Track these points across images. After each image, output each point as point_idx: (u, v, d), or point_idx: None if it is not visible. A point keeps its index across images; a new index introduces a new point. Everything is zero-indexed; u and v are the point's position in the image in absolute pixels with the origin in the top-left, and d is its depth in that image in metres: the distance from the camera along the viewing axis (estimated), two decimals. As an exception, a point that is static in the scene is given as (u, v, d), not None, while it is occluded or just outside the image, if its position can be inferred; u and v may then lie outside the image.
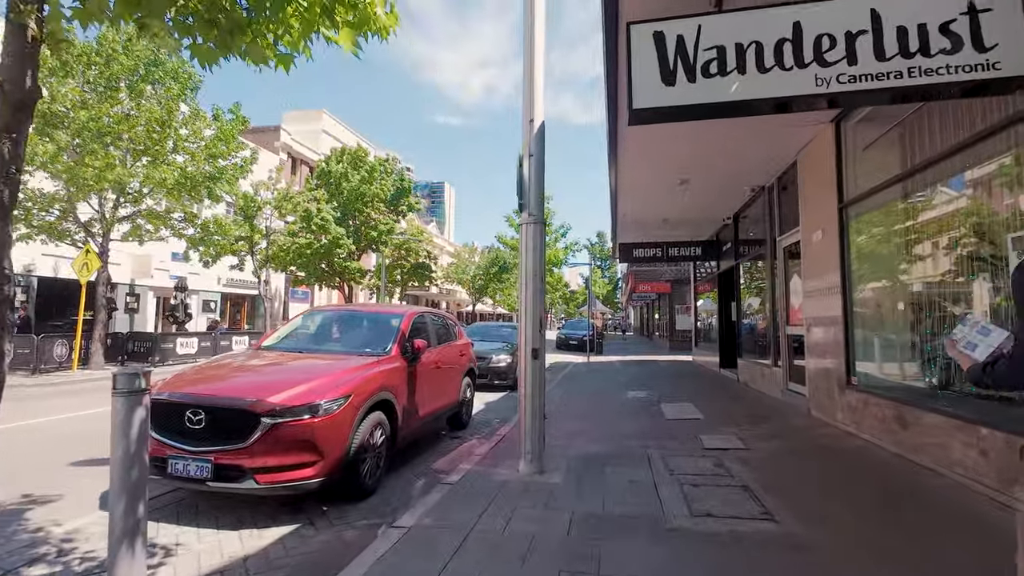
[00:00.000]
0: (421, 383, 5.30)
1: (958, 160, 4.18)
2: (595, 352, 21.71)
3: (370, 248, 24.44)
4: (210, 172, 13.16)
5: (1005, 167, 3.76)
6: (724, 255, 12.34)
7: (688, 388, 10.26)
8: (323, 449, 3.65)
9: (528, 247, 4.58)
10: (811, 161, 6.73)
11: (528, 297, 4.54)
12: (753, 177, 8.45)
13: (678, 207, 10.61)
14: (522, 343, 4.56)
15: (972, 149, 3.97)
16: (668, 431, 6.15)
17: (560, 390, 10.03)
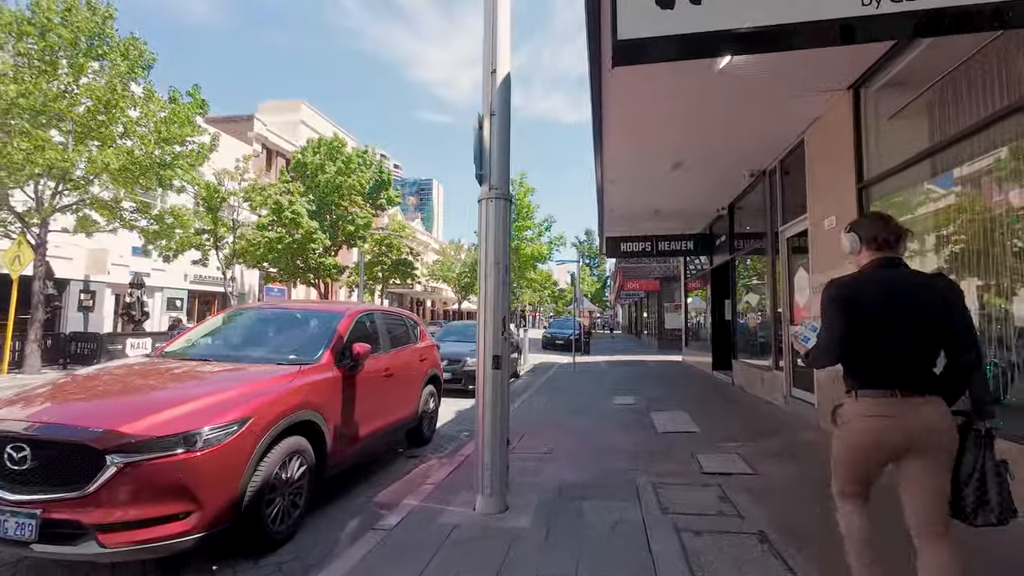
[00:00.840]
0: (364, 396, 4.37)
1: (1011, 125, 3.36)
2: (582, 352, 20.89)
3: (347, 243, 23.35)
4: (161, 158, 12.01)
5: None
6: (718, 249, 11.54)
7: (680, 393, 9.44)
8: (203, 494, 2.71)
9: (489, 228, 3.66)
10: (822, 137, 5.90)
11: (488, 291, 3.63)
12: (753, 159, 7.62)
13: (670, 196, 9.78)
14: (481, 349, 3.65)
15: None
16: (660, 448, 5.28)
17: (541, 396, 9.15)
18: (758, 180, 8.15)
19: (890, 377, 1.92)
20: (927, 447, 1.86)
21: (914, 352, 1.92)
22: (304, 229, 19.57)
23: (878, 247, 2.07)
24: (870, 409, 1.93)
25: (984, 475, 1.85)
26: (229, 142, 24.08)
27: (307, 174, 22.34)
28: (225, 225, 17.04)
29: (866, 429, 1.94)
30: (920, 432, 1.86)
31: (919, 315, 1.92)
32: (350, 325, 4.47)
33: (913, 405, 1.87)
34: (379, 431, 4.68)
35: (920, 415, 1.86)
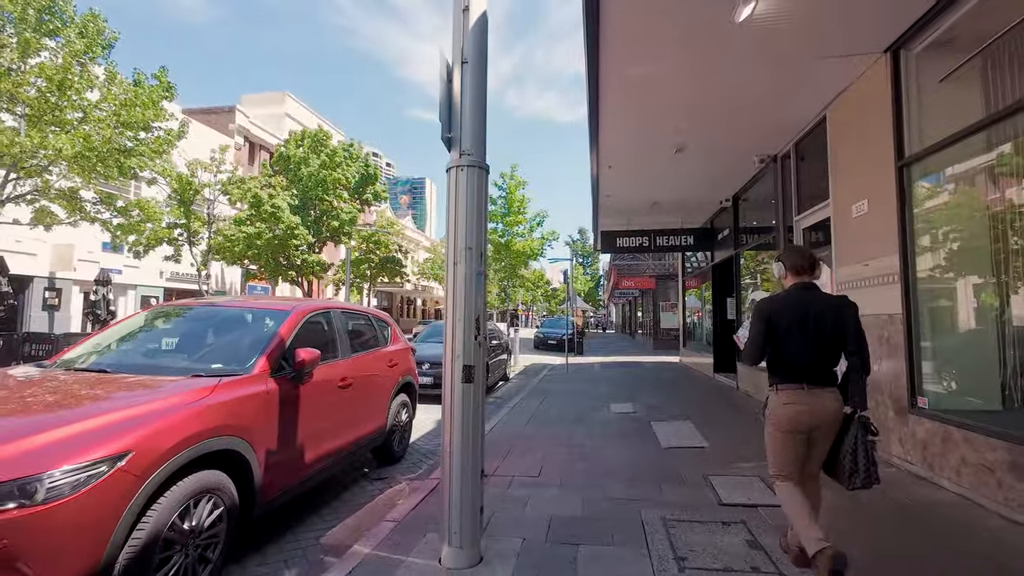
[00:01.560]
0: (313, 412, 3.60)
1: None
2: (575, 352, 20.17)
3: (332, 240, 22.46)
4: (120, 144, 11.10)
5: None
6: (720, 244, 10.84)
7: (681, 399, 8.72)
8: (44, 568, 1.93)
9: (459, 203, 2.90)
10: (850, 112, 5.18)
11: (458, 283, 2.87)
12: (764, 143, 6.90)
13: (670, 186, 9.06)
14: (448, 358, 2.88)
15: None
16: (666, 469, 4.55)
17: (531, 402, 8.39)
18: (768, 167, 7.44)
19: (800, 374, 2.50)
20: (825, 425, 2.47)
21: (818, 356, 2.50)
22: (285, 224, 18.67)
23: (797, 273, 2.64)
24: (786, 398, 2.53)
25: (856, 451, 2.38)
26: (209, 134, 23.12)
27: (290, 168, 21.44)
28: (199, 219, 16.10)
29: (786, 414, 2.51)
30: (822, 415, 2.46)
31: (823, 328, 2.48)
32: (295, 326, 3.68)
33: (817, 395, 2.47)
34: (334, 453, 3.90)
35: (822, 403, 2.46)
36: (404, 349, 5.60)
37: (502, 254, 14.98)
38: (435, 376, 8.82)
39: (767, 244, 8.13)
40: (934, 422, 3.89)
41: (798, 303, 2.56)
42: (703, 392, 9.44)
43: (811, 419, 2.47)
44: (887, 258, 4.44)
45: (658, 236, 11.55)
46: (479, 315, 2.89)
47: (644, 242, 11.56)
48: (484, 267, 3.01)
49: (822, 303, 2.55)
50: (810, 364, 2.51)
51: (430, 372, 8.87)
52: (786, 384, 2.55)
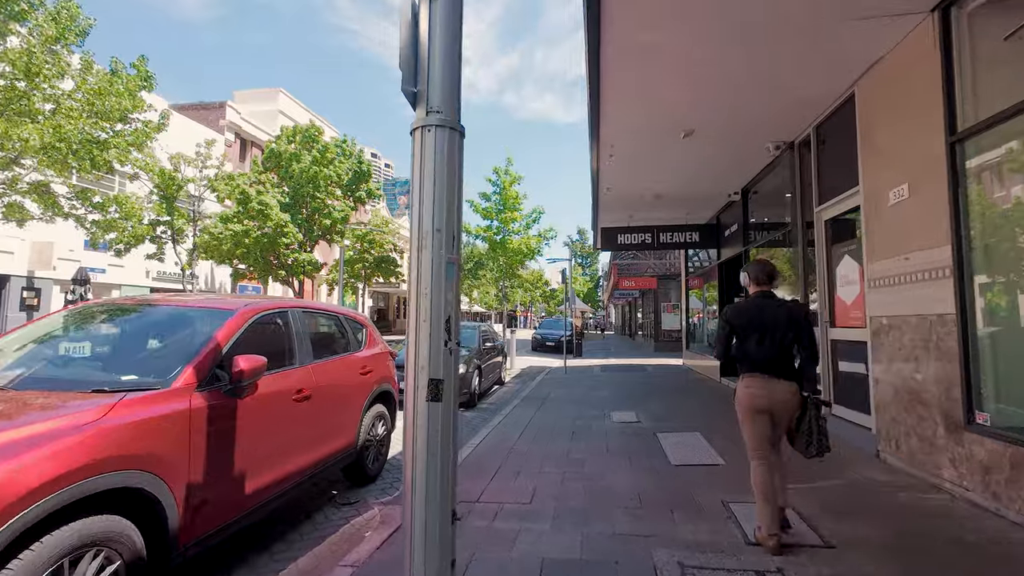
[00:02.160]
0: (256, 432, 2.99)
1: None
2: (574, 354, 19.56)
3: (325, 238, 21.85)
4: (92, 135, 10.48)
5: None
6: (728, 241, 10.24)
7: (688, 406, 8.11)
8: None
9: (426, 173, 2.28)
10: (887, 84, 4.58)
11: (423, 272, 2.24)
12: (780, 126, 6.30)
13: (675, 178, 8.46)
14: (410, 369, 2.26)
15: None
16: (678, 493, 3.93)
17: (526, 410, 7.77)
18: (784, 155, 6.83)
19: (758, 366, 3.02)
20: (780, 408, 3.00)
21: (772, 352, 3.00)
22: (274, 222, 18.05)
23: (758, 283, 3.20)
24: (747, 384, 3.06)
25: (811, 427, 2.96)
26: (197, 130, 22.51)
27: (281, 164, 20.83)
28: (183, 215, 15.47)
29: (746, 396, 3.05)
30: (775, 399, 2.99)
31: (778, 329, 3.00)
32: (237, 330, 3.07)
33: (772, 383, 2.99)
34: (288, 479, 3.29)
35: (777, 389, 2.98)
36: (381, 354, 4.98)
37: (497, 253, 14.37)
38: (423, 381, 8.22)
39: (780, 240, 7.52)
40: (1000, 442, 3.28)
41: (757, 309, 3.07)
42: (710, 398, 8.83)
43: (767, 402, 2.97)
44: (935, 250, 3.83)
45: (661, 232, 10.95)
46: (451, 315, 2.28)
47: (647, 239, 10.96)
48: (458, 254, 2.40)
49: (776, 308, 3.04)
50: (765, 358, 2.99)
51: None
52: (747, 374, 3.07)
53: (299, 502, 4.06)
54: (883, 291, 4.53)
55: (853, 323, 5.24)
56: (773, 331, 2.98)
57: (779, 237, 7.54)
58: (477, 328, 10.28)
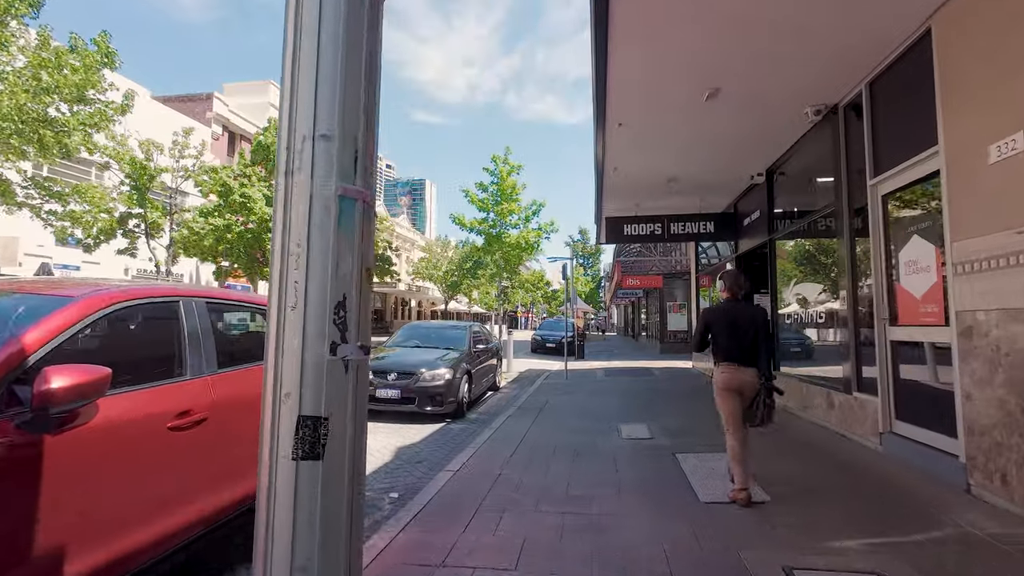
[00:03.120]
0: (85, 481, 1.95)
1: None
2: (576, 356, 18.50)
3: (313, 234, 20.80)
4: (41, 113, 9.47)
5: None
6: (747, 231, 9.18)
7: (705, 417, 7.03)
8: None
9: (305, 23, 1.24)
10: (979, 13, 3.53)
11: (292, 214, 1.20)
12: (823, 85, 5.26)
13: (693, 155, 7.42)
14: (267, 394, 1.21)
15: None
16: (718, 553, 2.88)
17: (520, 423, 6.72)
18: (826, 122, 5.78)
19: (730, 356, 3.71)
20: (745, 389, 3.71)
21: (741, 345, 3.69)
22: (258, 216, 17.02)
23: (730, 292, 3.87)
24: (723, 371, 3.74)
25: (760, 404, 3.66)
26: (180, 121, 21.52)
27: (269, 157, 19.80)
28: (156, 208, 14.45)
29: (722, 380, 3.75)
30: (741, 381, 3.70)
31: (743, 327, 3.70)
32: (67, 326, 2.03)
33: (739, 370, 3.69)
34: (150, 548, 2.24)
35: (743, 375, 3.68)
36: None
37: (493, 247, 13.33)
38: (403, 389, 7.17)
39: (816, 228, 6.46)
40: None
41: (727, 312, 3.84)
42: (731, 408, 7.77)
43: (737, 384, 3.72)
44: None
45: (672, 223, 9.89)
46: (347, 295, 1.23)
47: (656, 229, 9.91)
48: (372, 187, 1.34)
49: (743, 312, 3.79)
50: (737, 350, 3.72)
51: (397, 383, 7.22)
52: (721, 362, 3.79)
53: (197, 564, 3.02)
54: (979, 277, 3.47)
55: (926, 320, 4.18)
56: (741, 330, 3.71)
57: (812, 224, 6.48)
58: (467, 329, 9.23)
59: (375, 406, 7.25)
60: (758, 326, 3.70)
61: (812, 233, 6.71)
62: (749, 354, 3.67)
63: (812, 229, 6.63)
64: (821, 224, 6.28)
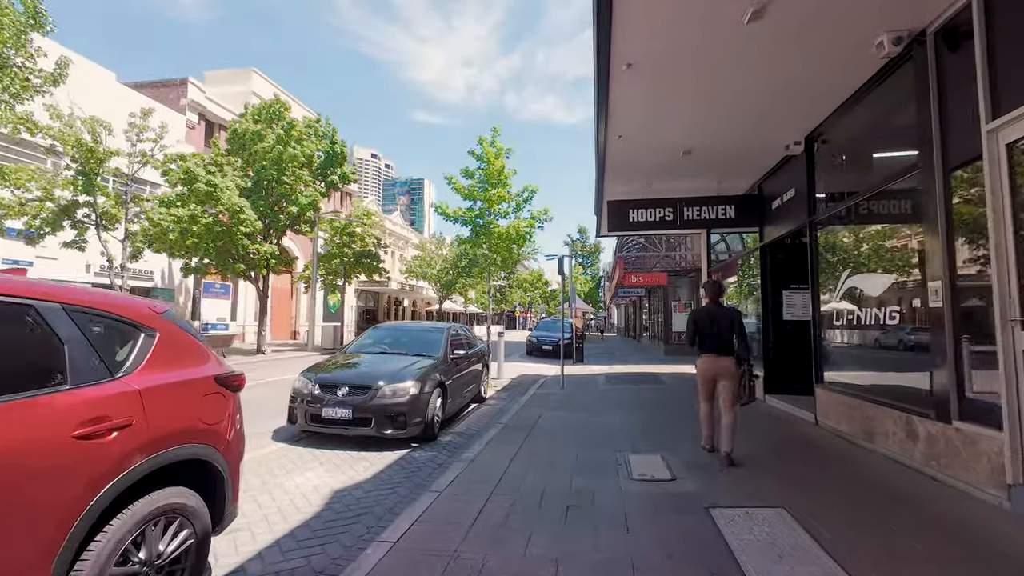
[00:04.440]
0: None
1: None
2: (574, 359, 17.07)
3: (292, 228, 19.38)
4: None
5: None
6: (777, 215, 7.76)
7: (739, 448, 5.64)
8: None
9: None
10: None
11: None
12: (905, 7, 3.82)
13: (715, 118, 6.00)
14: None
15: None
16: None
17: (501, 450, 5.29)
18: (906, 60, 4.35)
19: (711, 347, 4.75)
20: (724, 376, 4.72)
21: (719, 340, 4.75)
22: (226, 206, 15.55)
23: (712, 298, 4.94)
24: (704, 361, 4.81)
25: (743, 386, 4.74)
26: (156, 109, 20.02)
27: (245, 146, 18.36)
28: (108, 195, 12.97)
29: (702, 367, 4.84)
30: (721, 369, 4.73)
31: (722, 326, 4.76)
32: None
33: (718, 359, 4.74)
34: None
35: (721, 363, 4.72)
36: (184, 384, 2.50)
37: (481, 239, 11.88)
38: (356, 407, 5.73)
39: (886, 204, 5.03)
40: None
41: (710, 313, 4.87)
42: (763, 430, 6.34)
43: (714, 371, 4.78)
44: None
45: (685, 207, 8.47)
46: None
47: (667, 215, 8.48)
48: None
49: (722, 314, 4.84)
50: (716, 343, 4.76)
51: (349, 400, 5.78)
52: (703, 353, 4.84)
53: None
54: None
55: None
56: (720, 327, 4.78)
57: (877, 198, 5.04)
58: (444, 331, 7.79)
59: (320, 428, 5.82)
60: (733, 325, 4.78)
61: (875, 211, 5.28)
62: (726, 346, 4.77)
63: (876, 205, 5.20)
64: (892, 198, 4.85)
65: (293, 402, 6.03)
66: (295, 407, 5.99)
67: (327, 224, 24.05)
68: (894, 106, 4.67)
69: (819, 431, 5.96)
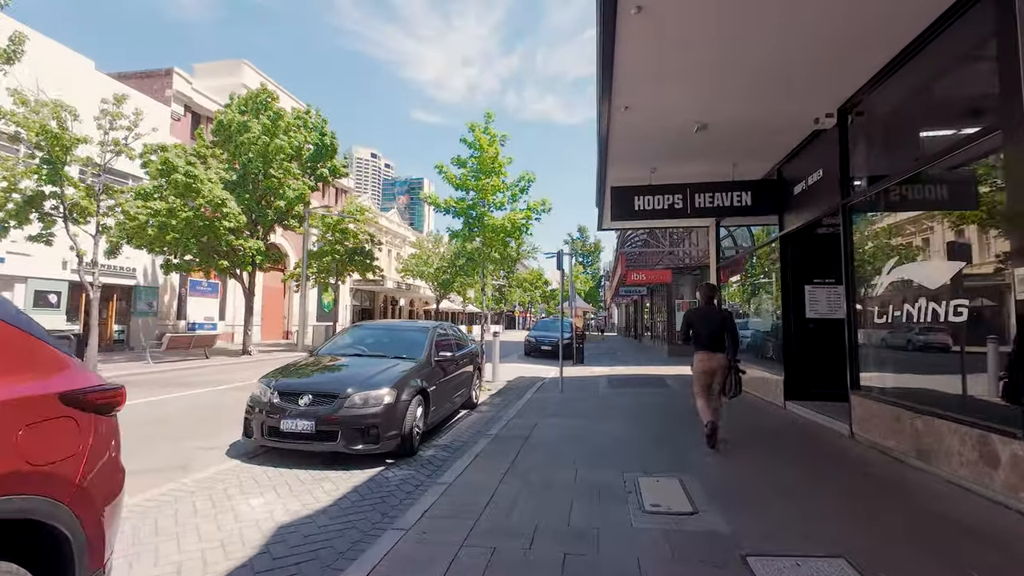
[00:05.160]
0: None
1: None
2: (574, 360, 16.28)
3: (280, 223, 18.57)
4: None
5: None
6: (801, 200, 6.96)
7: (767, 463, 4.85)
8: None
9: None
10: None
11: None
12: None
13: (736, 86, 5.20)
14: None
15: None
16: None
17: (488, 468, 4.49)
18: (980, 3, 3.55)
19: (704, 345, 5.20)
20: (717, 370, 5.15)
21: (712, 336, 5.18)
22: (206, 199, 14.74)
23: (706, 300, 5.48)
24: (700, 358, 5.22)
25: (730, 380, 5.11)
26: (141, 102, 19.24)
27: (231, 137, 17.55)
28: (76, 185, 12.16)
29: (697, 364, 5.25)
30: (713, 364, 5.17)
31: (713, 323, 5.19)
32: None
33: (711, 355, 5.17)
34: None
35: (715, 359, 5.16)
36: None
37: (473, 233, 11.06)
38: (320, 419, 4.93)
39: (945, 175, 4.23)
40: None
41: (704, 313, 5.34)
42: (791, 444, 5.53)
43: (709, 367, 5.20)
44: None
45: (696, 194, 7.66)
46: None
47: (676, 202, 7.67)
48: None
49: (714, 313, 5.32)
50: (709, 340, 5.20)
51: (312, 411, 4.98)
52: (700, 350, 5.26)
53: None
54: None
55: None
56: (712, 326, 5.21)
57: (934, 170, 4.24)
58: (429, 331, 6.99)
59: (279, 443, 5.01)
60: (725, 324, 5.20)
61: (930, 188, 4.48)
62: (719, 344, 5.19)
63: (931, 181, 4.39)
64: (953, 171, 4.05)
65: (250, 413, 5.23)
66: (251, 418, 5.19)
67: (319, 220, 23.25)
68: (961, 56, 3.88)
69: (856, 446, 5.15)
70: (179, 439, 5.92)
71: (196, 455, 5.27)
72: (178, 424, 6.79)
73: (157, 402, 8.45)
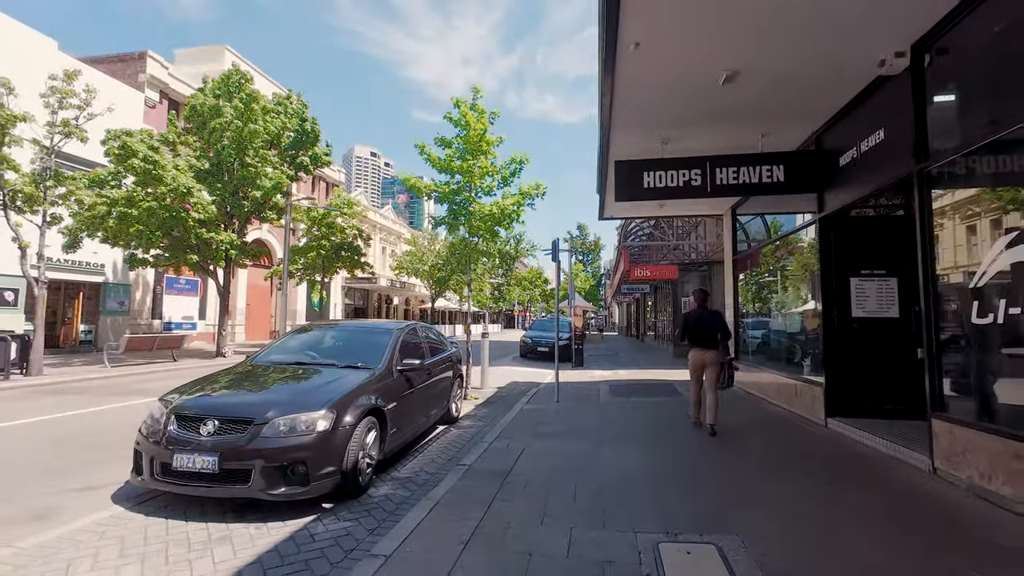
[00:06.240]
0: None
1: None
2: (573, 363, 15.01)
3: (257, 215, 17.29)
4: None
5: None
6: (847, 174, 5.68)
7: (840, 524, 3.58)
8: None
9: None
10: None
11: None
12: None
13: (777, 22, 3.91)
14: None
15: None
16: None
17: (454, 526, 3.22)
18: None
19: (698, 342, 6.08)
20: (710, 364, 5.96)
21: (704, 336, 6.05)
22: (171, 187, 13.44)
23: (700, 303, 6.26)
24: (693, 352, 6.14)
25: (724, 374, 6.00)
26: (111, 86, 17.94)
27: (204, 123, 16.25)
28: (15, 168, 10.86)
29: (693, 358, 6.14)
30: (705, 359, 6.00)
31: (706, 325, 6.07)
32: None
33: (703, 351, 6.04)
34: None
35: (706, 355, 6.01)
36: None
37: (459, 221, 9.79)
38: (225, 453, 3.65)
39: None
40: None
41: (696, 314, 6.14)
42: (852, 478, 4.25)
43: (701, 362, 5.99)
44: None
45: (718, 168, 6.38)
46: None
47: (693, 178, 6.39)
48: None
49: (707, 315, 6.09)
50: (701, 339, 6.02)
51: (215, 442, 3.70)
52: (693, 347, 6.06)
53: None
54: None
55: None
56: (705, 326, 6.03)
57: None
58: (394, 333, 5.72)
59: (172, 486, 3.72)
60: (715, 322, 6.05)
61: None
62: (711, 341, 5.99)
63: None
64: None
65: (140, 443, 3.94)
66: (141, 450, 3.91)
67: (303, 214, 21.96)
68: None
69: (946, 488, 3.88)
70: (62, 473, 4.64)
71: (69, 499, 3.99)
72: (73, 449, 5.47)
73: (70, 417, 7.12)
